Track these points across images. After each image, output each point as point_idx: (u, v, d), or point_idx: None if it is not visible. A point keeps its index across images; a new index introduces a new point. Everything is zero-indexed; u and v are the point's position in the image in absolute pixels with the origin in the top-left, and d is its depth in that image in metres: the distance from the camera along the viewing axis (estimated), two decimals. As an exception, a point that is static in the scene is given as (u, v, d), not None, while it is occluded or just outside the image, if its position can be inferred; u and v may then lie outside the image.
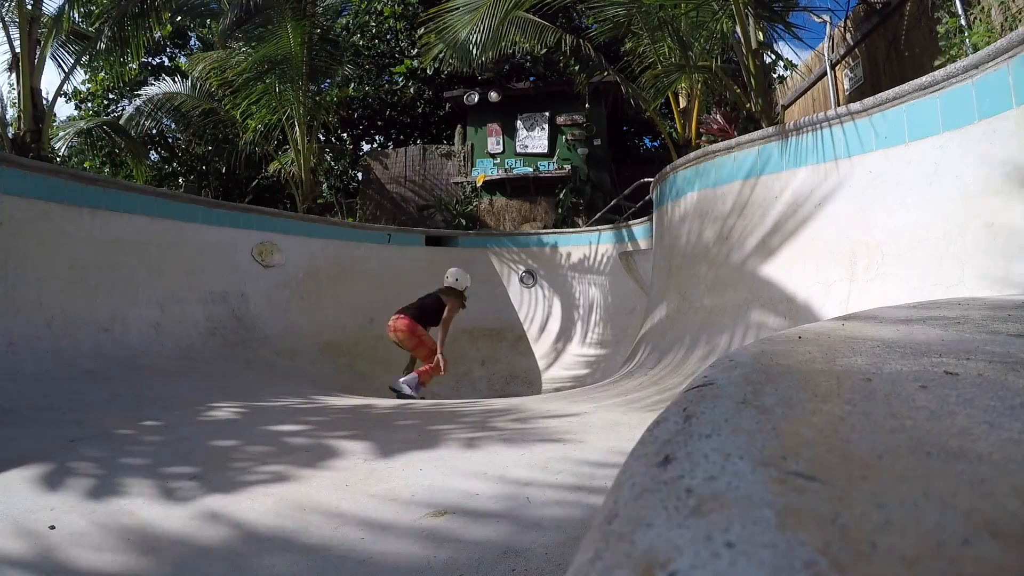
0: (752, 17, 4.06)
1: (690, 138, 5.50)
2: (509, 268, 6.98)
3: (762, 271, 2.90)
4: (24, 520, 1.20)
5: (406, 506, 1.26)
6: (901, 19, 4.96)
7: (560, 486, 1.34)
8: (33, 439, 1.82)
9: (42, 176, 3.27)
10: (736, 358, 0.60)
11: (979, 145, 1.94)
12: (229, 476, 1.49)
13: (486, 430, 2.00)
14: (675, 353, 3.27)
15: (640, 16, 4.71)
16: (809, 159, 2.72)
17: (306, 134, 6.65)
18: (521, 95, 9.62)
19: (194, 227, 4.21)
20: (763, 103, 4.04)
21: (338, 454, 1.69)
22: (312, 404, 2.72)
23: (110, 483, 1.43)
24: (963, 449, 0.34)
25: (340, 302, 5.46)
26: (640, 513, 0.29)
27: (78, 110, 10.77)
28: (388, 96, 11.48)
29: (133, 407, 2.33)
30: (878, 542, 0.24)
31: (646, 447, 0.38)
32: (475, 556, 1.01)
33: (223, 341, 3.95)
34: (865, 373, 0.53)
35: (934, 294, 1.93)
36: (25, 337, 2.93)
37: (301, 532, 1.14)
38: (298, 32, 6.00)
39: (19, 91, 4.89)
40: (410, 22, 10.78)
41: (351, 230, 6.06)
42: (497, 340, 6.64)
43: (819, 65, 6.66)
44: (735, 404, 0.43)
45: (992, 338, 0.70)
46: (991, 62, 1.91)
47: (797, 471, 0.31)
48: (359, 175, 11.19)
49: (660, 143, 11.72)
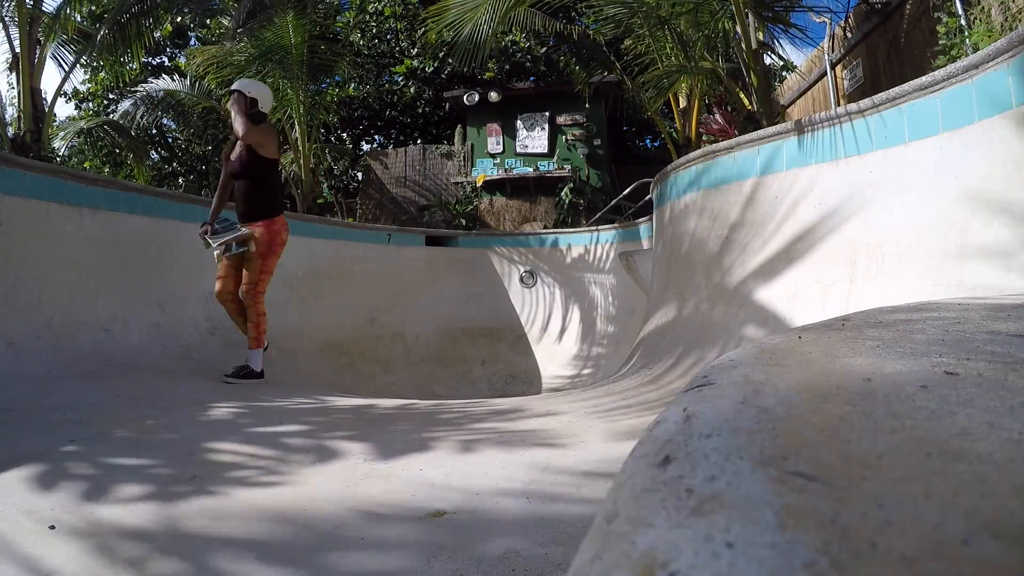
0: (752, 17, 4.06)
1: (690, 138, 5.50)
2: (509, 268, 6.98)
3: (762, 272, 2.90)
4: (24, 520, 1.20)
5: (406, 506, 1.25)
6: (901, 19, 4.96)
7: (560, 486, 1.34)
8: (33, 439, 1.82)
9: (42, 176, 3.27)
10: (736, 358, 0.60)
11: (979, 145, 1.94)
12: (229, 476, 1.49)
13: (486, 431, 2.00)
14: (675, 352, 3.27)
15: (641, 15, 4.71)
16: (809, 159, 2.72)
17: (306, 134, 6.66)
18: (521, 95, 9.63)
19: (194, 227, 4.20)
20: (763, 103, 4.04)
21: (338, 454, 1.69)
22: (312, 404, 2.72)
23: (110, 484, 1.43)
24: (963, 449, 0.34)
25: (340, 302, 5.46)
26: (640, 513, 0.29)
27: (78, 110, 10.77)
28: (388, 96, 11.48)
29: (133, 407, 2.33)
30: (878, 542, 0.24)
31: (646, 447, 0.38)
32: (475, 556, 1.01)
33: (223, 341, 3.95)
34: (865, 373, 0.53)
35: (934, 294, 1.93)
36: (25, 337, 2.93)
37: (301, 532, 1.14)
38: (299, 28, 6.01)
39: (19, 91, 4.89)
40: (410, 22, 10.77)
41: (351, 230, 6.06)
42: (497, 340, 6.64)
43: (819, 65, 6.66)
44: (735, 404, 0.43)
45: (992, 338, 0.70)
46: (991, 62, 1.91)
47: (797, 471, 0.31)
48: (359, 175, 11.19)
49: (660, 143, 11.72)
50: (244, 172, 3.19)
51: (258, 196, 3.19)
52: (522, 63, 10.08)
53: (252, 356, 3.20)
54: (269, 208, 3.20)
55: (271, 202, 3.23)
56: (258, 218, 3.18)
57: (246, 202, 3.21)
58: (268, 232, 3.17)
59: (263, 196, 3.20)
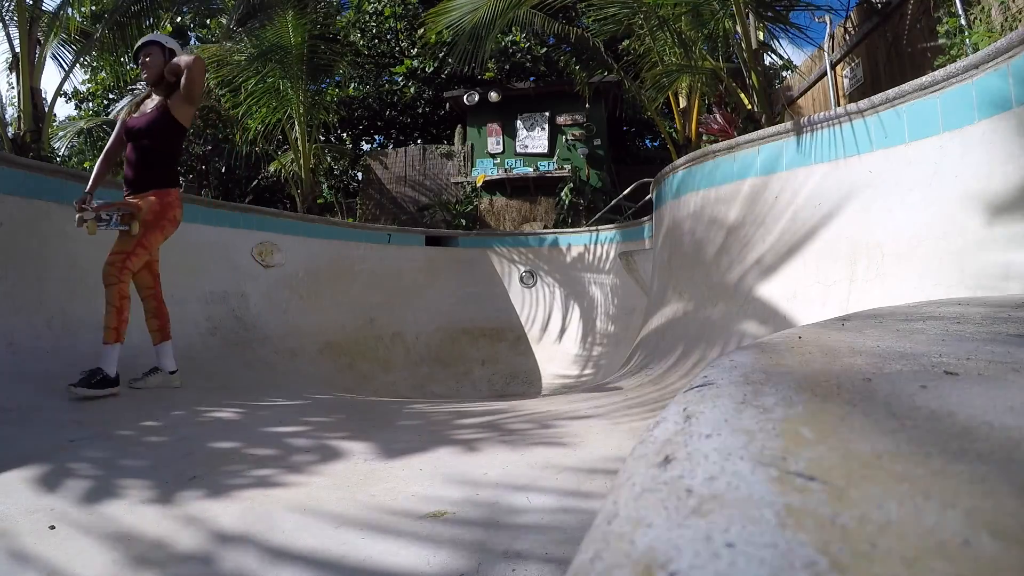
0: (752, 17, 4.06)
1: (690, 138, 5.51)
2: (509, 268, 6.98)
3: (762, 271, 2.90)
4: (24, 520, 1.21)
5: (406, 506, 1.26)
6: (901, 19, 4.96)
7: (560, 486, 1.34)
8: (33, 439, 1.82)
9: (42, 176, 3.27)
10: (736, 358, 0.60)
11: (979, 145, 1.94)
12: (229, 477, 1.49)
13: (486, 431, 2.00)
14: (675, 352, 3.27)
15: (641, 15, 4.72)
16: (810, 159, 2.72)
17: (306, 134, 6.66)
18: (521, 95, 9.64)
19: (194, 227, 4.20)
20: (763, 103, 4.04)
21: (338, 454, 1.69)
22: (312, 404, 2.72)
23: (110, 484, 1.43)
24: (963, 449, 0.34)
25: (340, 302, 5.46)
26: (640, 513, 0.29)
27: (78, 110, 10.77)
28: (388, 96, 11.48)
29: (133, 407, 2.33)
30: (878, 542, 0.24)
31: (646, 447, 0.38)
32: (475, 556, 1.01)
33: (223, 341, 3.95)
34: (865, 373, 0.53)
35: (934, 294, 1.93)
36: (25, 337, 2.93)
37: (301, 532, 1.14)
38: (299, 28, 6.01)
39: (19, 91, 4.89)
40: (410, 22, 10.78)
41: (351, 230, 6.06)
42: (497, 340, 6.64)
43: (819, 65, 6.66)
44: (735, 404, 0.43)
45: (992, 338, 0.70)
46: (991, 62, 1.91)
47: (797, 471, 0.31)
48: (359, 175, 11.20)
49: (660, 143, 11.72)
50: (148, 132, 2.76)
51: (158, 162, 2.80)
52: (522, 63, 10.08)
53: (106, 355, 2.52)
54: (166, 177, 2.81)
55: (170, 173, 2.85)
56: (151, 187, 2.76)
57: (142, 167, 2.78)
58: (160, 203, 2.74)
59: (163, 163, 2.82)
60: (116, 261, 2.60)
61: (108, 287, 2.57)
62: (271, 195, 10.62)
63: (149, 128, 2.76)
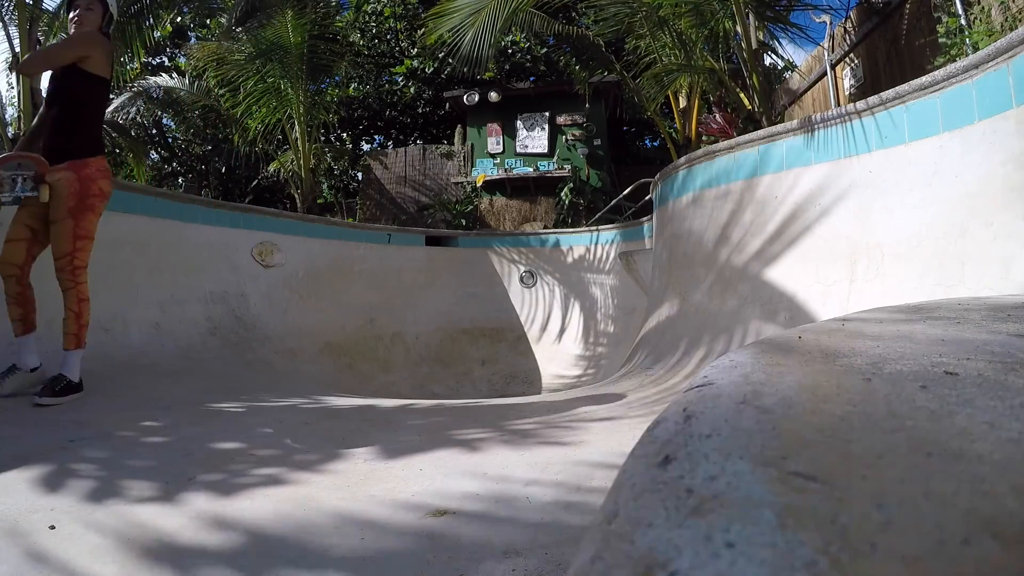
0: (753, 17, 4.06)
1: (690, 138, 5.51)
2: (509, 268, 6.98)
3: (762, 271, 2.90)
4: (23, 520, 1.21)
5: (406, 506, 1.26)
6: (901, 19, 4.96)
7: (560, 486, 1.34)
8: (33, 439, 1.82)
9: (42, 176, 3.27)
10: (736, 358, 0.60)
11: (979, 145, 1.94)
12: (229, 477, 1.49)
13: (486, 430, 2.00)
14: (675, 353, 3.27)
15: (642, 14, 4.72)
16: (810, 159, 2.72)
17: (306, 134, 6.66)
18: (521, 95, 9.64)
19: (194, 227, 4.20)
20: (763, 103, 4.05)
21: (338, 454, 1.69)
22: (312, 404, 2.72)
23: (110, 484, 1.43)
24: (963, 449, 0.34)
25: (340, 302, 5.46)
26: (640, 513, 0.29)
27: (78, 110, 10.75)
28: (388, 96, 11.48)
29: (133, 407, 2.33)
30: (878, 542, 0.24)
31: (646, 447, 0.38)
32: (475, 556, 1.01)
33: (223, 341, 3.95)
34: (865, 373, 0.53)
35: (934, 294, 1.93)
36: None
37: (301, 532, 1.14)
38: (298, 28, 6.01)
39: (19, 91, 4.89)
40: (410, 22, 10.78)
41: (351, 230, 6.06)
42: (497, 340, 6.64)
43: (819, 65, 6.66)
44: (735, 404, 0.43)
45: (992, 338, 0.70)
46: (991, 62, 1.91)
47: (797, 471, 0.31)
48: (359, 175, 11.20)
49: (660, 143, 11.72)
50: (59, 92, 2.33)
51: (71, 126, 2.33)
52: (522, 63, 10.09)
53: (68, 360, 2.35)
54: (82, 145, 2.35)
55: (87, 137, 2.38)
56: (65, 158, 2.32)
57: (54, 133, 2.34)
58: (78, 178, 2.30)
59: (78, 127, 2.35)
60: (64, 266, 2.35)
61: (65, 292, 2.37)
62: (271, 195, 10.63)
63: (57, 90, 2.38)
